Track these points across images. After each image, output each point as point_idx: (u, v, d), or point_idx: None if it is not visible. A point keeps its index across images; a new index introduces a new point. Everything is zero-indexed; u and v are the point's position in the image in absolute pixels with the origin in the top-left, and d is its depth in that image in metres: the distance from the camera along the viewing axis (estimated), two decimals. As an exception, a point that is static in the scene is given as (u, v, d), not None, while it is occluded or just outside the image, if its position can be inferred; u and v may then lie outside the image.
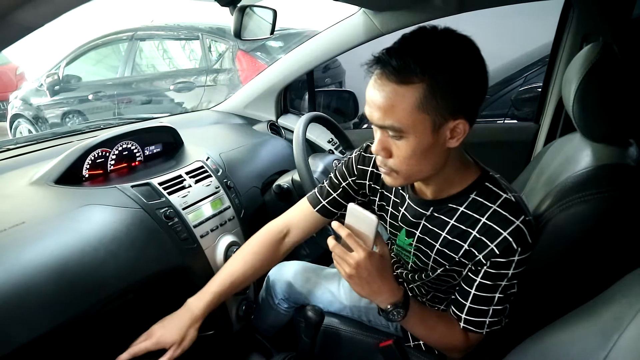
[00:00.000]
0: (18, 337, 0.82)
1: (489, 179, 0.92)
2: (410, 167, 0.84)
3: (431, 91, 0.76)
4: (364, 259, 0.87)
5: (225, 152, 1.51)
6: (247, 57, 4.01)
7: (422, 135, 0.79)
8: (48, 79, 4.88)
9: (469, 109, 0.81)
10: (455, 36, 0.80)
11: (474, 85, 0.80)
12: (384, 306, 0.93)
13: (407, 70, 0.75)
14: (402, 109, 0.77)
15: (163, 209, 1.15)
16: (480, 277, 0.91)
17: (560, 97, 1.68)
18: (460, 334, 0.96)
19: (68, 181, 1.17)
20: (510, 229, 0.86)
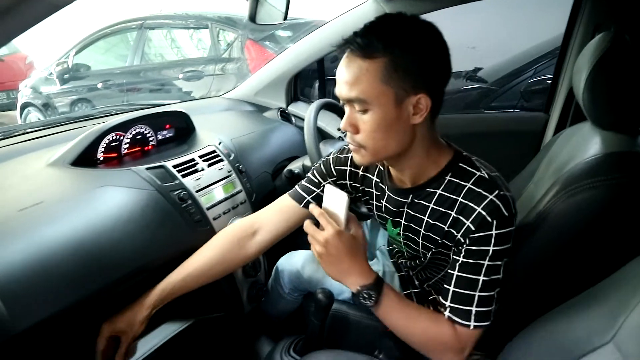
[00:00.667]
0: (39, 311, 0.85)
1: (463, 159, 0.93)
2: (376, 141, 0.87)
3: (393, 65, 0.81)
4: (332, 236, 0.90)
5: (236, 137, 1.53)
6: (256, 46, 4.01)
7: (385, 107, 0.83)
8: (58, 68, 4.91)
9: (431, 86, 0.84)
10: (418, 21, 0.84)
11: (434, 63, 0.84)
12: (354, 288, 0.93)
13: (370, 46, 0.81)
14: (366, 81, 0.82)
15: (177, 191, 1.17)
16: (462, 257, 0.89)
17: (571, 87, 1.69)
18: (447, 328, 0.90)
19: (84, 163, 1.20)
20: (484, 203, 0.87)
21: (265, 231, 1.13)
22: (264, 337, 1.51)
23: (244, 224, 1.14)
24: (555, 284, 1.09)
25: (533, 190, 1.24)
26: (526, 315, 0.96)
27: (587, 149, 1.07)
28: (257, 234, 1.13)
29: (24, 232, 0.91)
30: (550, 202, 1.04)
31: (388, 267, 1.32)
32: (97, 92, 4.78)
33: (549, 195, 1.05)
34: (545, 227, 1.04)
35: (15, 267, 0.84)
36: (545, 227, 1.04)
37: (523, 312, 1.02)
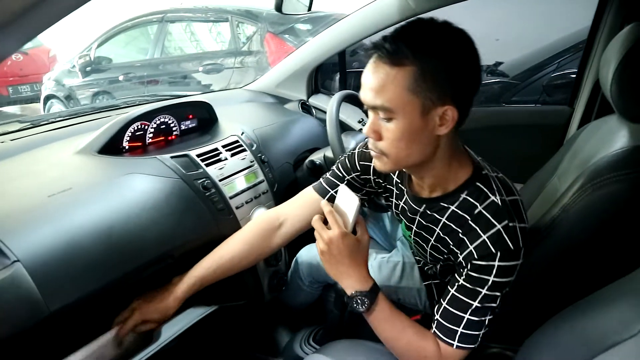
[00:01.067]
0: (69, 294, 0.87)
1: (481, 178, 0.90)
2: (398, 150, 0.85)
3: (421, 74, 0.78)
4: (337, 236, 0.89)
5: (258, 128, 1.54)
6: (275, 39, 4.02)
7: (410, 117, 0.81)
8: (80, 61, 4.99)
9: (459, 97, 0.81)
10: (450, 28, 0.81)
11: (463, 74, 0.81)
12: (349, 291, 0.93)
13: (399, 53, 0.78)
14: (392, 89, 0.79)
15: (201, 180, 1.19)
16: (462, 279, 0.88)
17: (597, 80, 1.66)
18: (432, 345, 0.90)
19: (110, 151, 1.22)
20: (490, 232, 0.85)
21: (290, 224, 1.13)
22: (283, 327, 1.53)
23: (269, 216, 1.14)
24: (578, 277, 1.08)
25: (557, 183, 1.22)
26: (548, 309, 0.96)
27: (614, 142, 1.06)
28: (282, 227, 1.13)
29: (54, 217, 0.93)
30: (575, 195, 1.03)
31: (408, 258, 1.33)
32: (118, 85, 4.86)
33: (574, 189, 1.04)
34: (569, 220, 1.03)
35: (47, 250, 0.86)
36: (569, 220, 1.03)
37: (544, 305, 1.01)
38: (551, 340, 0.88)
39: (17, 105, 5.96)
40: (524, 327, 0.99)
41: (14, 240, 0.83)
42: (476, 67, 0.83)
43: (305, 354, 1.32)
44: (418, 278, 1.28)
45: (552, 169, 1.31)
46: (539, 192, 1.28)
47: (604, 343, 0.73)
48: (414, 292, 1.28)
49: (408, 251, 1.35)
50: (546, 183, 1.29)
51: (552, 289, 1.10)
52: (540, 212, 1.13)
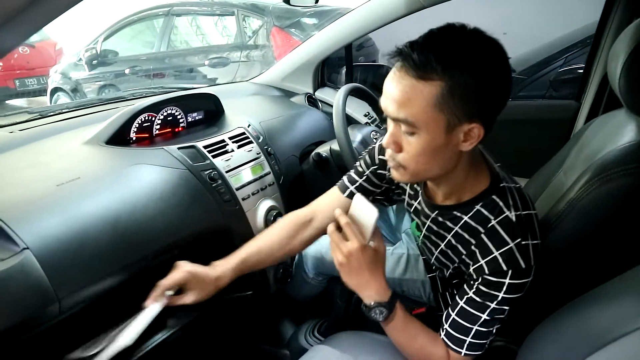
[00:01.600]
0: (77, 282, 0.88)
1: (498, 190, 0.89)
2: (418, 164, 0.82)
3: (449, 91, 0.74)
4: (356, 249, 0.87)
5: (264, 121, 1.55)
6: (281, 33, 4.01)
7: (434, 134, 0.77)
8: (87, 54, 5.01)
9: (487, 114, 0.78)
10: (483, 38, 0.77)
11: (495, 91, 0.77)
12: (368, 302, 0.92)
13: (427, 66, 0.73)
14: (417, 104, 0.75)
15: (207, 171, 1.19)
16: (471, 291, 0.88)
17: (604, 74, 1.65)
18: (441, 350, 0.91)
19: (117, 142, 1.23)
20: (503, 249, 0.84)
21: (318, 220, 1.13)
22: (288, 319, 1.54)
23: (302, 212, 1.14)
24: (583, 272, 1.07)
25: (562, 178, 1.22)
26: (552, 303, 0.96)
27: (622, 136, 1.05)
28: (312, 223, 1.13)
29: (62, 206, 0.94)
30: (581, 190, 1.02)
31: (412, 251, 1.33)
32: (124, 78, 4.87)
33: (580, 183, 1.03)
34: (575, 215, 1.03)
35: (55, 239, 0.87)
36: (575, 215, 1.03)
37: (549, 299, 1.01)
38: (554, 335, 0.88)
39: (24, 98, 5.99)
40: (527, 321, 0.99)
41: (23, 228, 0.84)
42: (507, 82, 0.78)
43: (310, 345, 1.33)
44: (422, 270, 1.28)
45: (559, 164, 1.30)
46: (544, 187, 1.28)
47: (606, 337, 0.73)
48: (418, 284, 1.29)
49: (413, 243, 1.35)
50: (552, 178, 1.28)
51: (556, 283, 1.10)
52: (546, 206, 1.13)
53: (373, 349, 1.05)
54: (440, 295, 1.19)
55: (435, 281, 1.21)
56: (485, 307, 0.86)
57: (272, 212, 1.31)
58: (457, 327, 0.89)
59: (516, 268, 0.84)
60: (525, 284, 0.85)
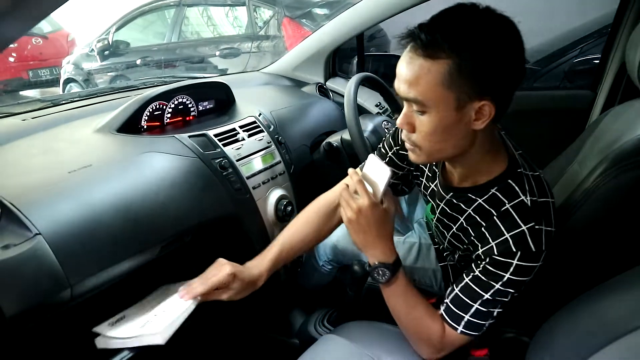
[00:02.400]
0: (88, 268, 0.88)
1: (514, 175, 0.88)
2: (432, 143, 0.83)
3: (457, 69, 0.74)
4: (366, 206, 0.88)
5: (275, 110, 1.54)
6: (292, 23, 4.00)
7: (444, 111, 0.78)
8: (98, 44, 5.03)
9: (498, 92, 0.77)
10: (493, 16, 0.76)
11: (504, 68, 0.76)
12: (372, 261, 0.93)
13: (434, 45, 0.74)
14: (426, 82, 0.76)
15: (218, 159, 1.19)
16: (478, 270, 0.87)
17: (622, 63, 1.62)
18: (438, 325, 0.92)
19: (128, 130, 1.23)
20: (514, 232, 0.84)
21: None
22: (298, 308, 1.54)
23: (330, 198, 1.13)
24: (599, 261, 1.06)
25: (577, 169, 1.20)
26: (566, 293, 0.95)
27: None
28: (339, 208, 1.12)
29: (74, 193, 0.94)
30: (598, 180, 1.01)
31: (425, 240, 1.33)
32: (135, 69, 4.89)
33: (596, 173, 1.02)
34: (592, 205, 1.01)
35: (67, 225, 0.87)
36: (592, 205, 1.01)
37: (562, 290, 1.00)
38: (568, 325, 0.87)
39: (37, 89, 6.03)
40: (540, 313, 0.98)
41: (36, 214, 0.84)
42: (519, 60, 0.77)
43: (319, 334, 1.33)
44: (434, 259, 1.28)
45: (573, 154, 1.28)
46: (559, 178, 1.26)
47: (623, 328, 0.72)
48: (430, 273, 1.29)
49: (425, 233, 1.34)
50: (566, 168, 1.26)
51: (570, 273, 1.09)
52: (560, 197, 1.11)
53: (383, 339, 1.05)
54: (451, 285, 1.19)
55: (447, 270, 1.20)
56: (490, 287, 0.85)
57: (283, 202, 1.30)
58: (458, 302, 0.89)
59: (526, 250, 0.83)
60: (533, 268, 0.84)
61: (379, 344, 1.03)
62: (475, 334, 0.89)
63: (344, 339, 1.04)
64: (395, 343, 1.03)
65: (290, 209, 1.32)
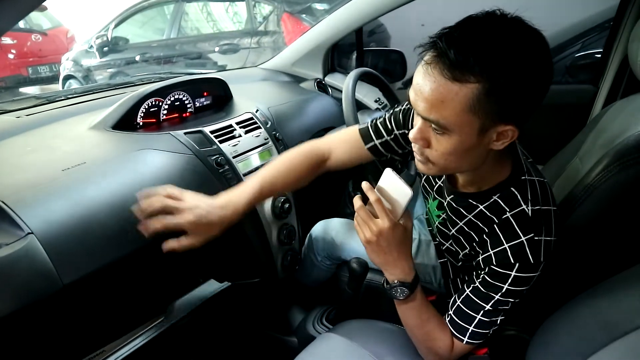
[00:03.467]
0: (82, 267, 0.87)
1: (517, 183, 0.86)
2: (447, 162, 0.80)
3: (487, 93, 0.68)
4: (387, 228, 0.84)
5: (273, 106, 1.52)
6: (292, 19, 3.98)
7: (466, 136, 0.74)
8: (97, 41, 5.01)
9: (525, 115, 0.73)
10: (526, 31, 0.70)
11: (535, 90, 0.71)
12: (391, 279, 0.91)
13: (465, 66, 0.67)
14: (451, 107, 0.70)
15: (214, 156, 1.18)
16: (478, 281, 0.87)
17: (624, 58, 1.60)
18: (447, 337, 0.92)
19: (124, 127, 1.21)
20: (513, 242, 0.83)
21: (334, 160, 1.12)
22: (297, 306, 1.53)
23: (321, 148, 1.11)
24: (600, 259, 1.05)
25: (578, 164, 1.19)
26: (567, 291, 0.94)
27: (643, 120, 1.01)
28: (328, 162, 1.12)
29: (68, 191, 0.93)
30: (599, 176, 0.99)
31: (424, 236, 1.32)
32: (135, 65, 4.88)
33: (598, 169, 1.00)
34: (593, 201, 1.00)
35: (60, 223, 0.86)
36: (593, 201, 1.00)
37: (564, 288, 0.99)
38: (569, 324, 0.86)
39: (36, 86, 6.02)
40: (540, 310, 0.97)
41: (28, 212, 0.83)
42: (548, 78, 0.72)
43: (318, 333, 1.31)
44: (434, 256, 1.27)
45: (575, 150, 1.27)
46: (559, 173, 1.25)
47: (625, 326, 0.72)
48: (429, 270, 1.27)
49: (425, 229, 1.33)
50: (567, 164, 1.25)
51: (571, 271, 1.08)
52: (560, 194, 1.10)
53: (381, 338, 1.05)
54: (451, 281, 1.18)
55: (446, 267, 1.20)
56: (490, 298, 0.85)
57: (280, 199, 1.29)
58: (461, 314, 0.89)
59: (524, 262, 0.82)
60: (531, 278, 0.84)
61: (378, 343, 1.02)
62: (481, 341, 0.90)
63: (342, 338, 1.03)
64: (394, 341, 1.03)
65: (287, 206, 1.30)
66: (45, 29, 6.10)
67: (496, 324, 0.89)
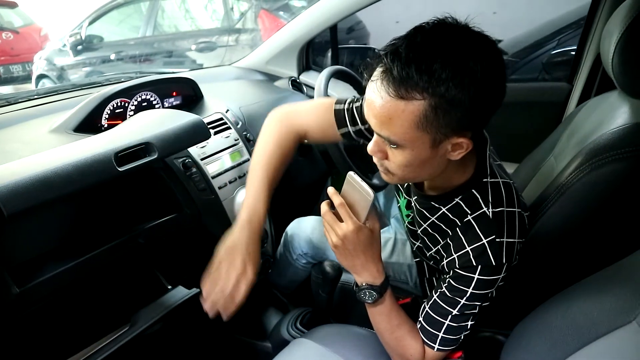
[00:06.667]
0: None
1: (478, 185, 0.85)
2: (405, 173, 0.79)
3: (433, 109, 0.67)
4: (352, 231, 0.83)
5: (245, 105, 1.49)
6: (269, 16, 3.94)
7: (419, 150, 0.73)
8: (71, 39, 4.90)
9: (478, 125, 0.73)
10: (475, 39, 0.68)
11: (487, 103, 0.70)
12: (359, 282, 0.90)
13: (408, 83, 0.65)
14: (399, 124, 0.69)
15: (181, 159, 1.14)
16: (444, 286, 0.86)
17: (597, 55, 1.60)
18: (419, 344, 0.91)
19: (87, 129, 1.17)
20: (475, 245, 0.82)
21: (310, 138, 1.11)
22: (272, 308, 1.50)
23: (295, 128, 1.09)
24: (573, 261, 1.04)
25: (553, 163, 1.18)
26: (541, 293, 0.93)
27: (614, 119, 1.01)
28: (306, 138, 1.11)
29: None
30: (572, 175, 0.98)
31: (401, 235, 1.31)
32: (110, 64, 4.79)
33: (571, 168, 0.99)
34: (565, 201, 0.99)
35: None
36: (565, 201, 0.99)
37: (537, 289, 0.98)
38: (542, 327, 0.85)
39: (9, 85, 5.87)
40: (515, 312, 0.96)
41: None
42: (501, 87, 0.70)
43: (292, 337, 1.29)
44: (409, 255, 1.26)
45: (549, 148, 1.26)
46: (534, 172, 1.24)
47: (596, 331, 0.71)
48: (405, 268, 1.27)
49: (401, 228, 1.32)
50: (542, 163, 1.24)
51: (545, 272, 1.07)
52: (535, 193, 1.09)
53: (355, 343, 1.03)
54: (426, 280, 1.17)
55: (422, 266, 1.19)
56: (456, 303, 0.85)
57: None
58: (430, 321, 0.89)
59: (486, 264, 0.82)
60: (495, 280, 0.83)
61: (352, 348, 1.01)
62: (452, 348, 0.89)
63: (315, 343, 1.02)
64: (367, 347, 1.02)
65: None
66: (17, 27, 5.95)
67: (466, 329, 0.87)
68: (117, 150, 0.90)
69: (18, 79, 5.82)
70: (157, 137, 0.97)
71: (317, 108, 1.10)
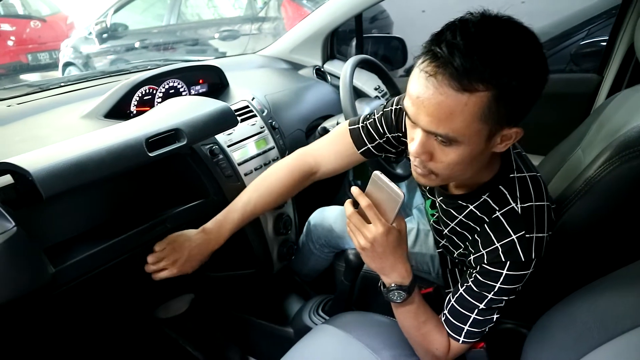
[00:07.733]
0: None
1: (505, 181, 0.84)
2: (453, 172, 0.77)
3: (496, 101, 0.65)
4: (381, 234, 0.81)
5: (270, 94, 1.50)
6: (293, 4, 3.94)
7: (475, 144, 0.71)
8: (96, 27, 4.98)
9: (526, 114, 0.72)
10: (521, 30, 0.68)
11: (538, 89, 0.69)
12: (388, 283, 0.89)
13: (473, 74, 0.64)
14: (461, 118, 0.67)
15: (208, 145, 1.16)
16: (471, 280, 0.86)
17: (630, 46, 1.57)
18: (444, 339, 0.90)
19: (117, 116, 1.19)
20: (504, 241, 0.82)
21: (324, 171, 1.11)
22: (294, 295, 1.52)
23: (306, 160, 1.10)
24: (599, 254, 1.03)
25: (580, 156, 1.16)
26: (565, 286, 0.92)
27: (647, 112, 0.99)
28: (317, 172, 1.11)
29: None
30: (601, 168, 0.96)
31: (423, 226, 1.31)
32: (134, 52, 4.85)
33: (600, 161, 0.97)
34: (593, 195, 0.97)
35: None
36: (593, 195, 0.97)
37: (562, 282, 0.98)
38: (566, 320, 0.84)
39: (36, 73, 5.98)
40: (539, 304, 0.96)
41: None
42: (546, 77, 0.70)
43: (314, 324, 1.31)
44: (432, 245, 1.26)
45: (577, 141, 1.24)
46: (561, 165, 1.22)
47: (623, 325, 0.70)
48: (427, 259, 1.27)
49: (424, 218, 1.33)
50: (569, 155, 1.22)
51: (570, 265, 1.06)
52: (561, 186, 1.08)
53: (377, 331, 1.04)
54: (449, 271, 1.17)
55: (444, 256, 1.18)
56: (483, 297, 0.85)
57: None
58: (455, 314, 0.88)
59: (515, 260, 0.81)
60: (523, 275, 0.83)
61: (374, 335, 1.02)
62: (477, 340, 0.89)
63: (338, 329, 1.03)
64: (390, 335, 1.02)
65: (283, 195, 1.28)
66: (44, 15, 6.03)
67: (492, 322, 0.87)
68: (148, 136, 0.92)
69: (45, 67, 5.92)
70: (186, 124, 0.98)
71: (333, 137, 1.11)
